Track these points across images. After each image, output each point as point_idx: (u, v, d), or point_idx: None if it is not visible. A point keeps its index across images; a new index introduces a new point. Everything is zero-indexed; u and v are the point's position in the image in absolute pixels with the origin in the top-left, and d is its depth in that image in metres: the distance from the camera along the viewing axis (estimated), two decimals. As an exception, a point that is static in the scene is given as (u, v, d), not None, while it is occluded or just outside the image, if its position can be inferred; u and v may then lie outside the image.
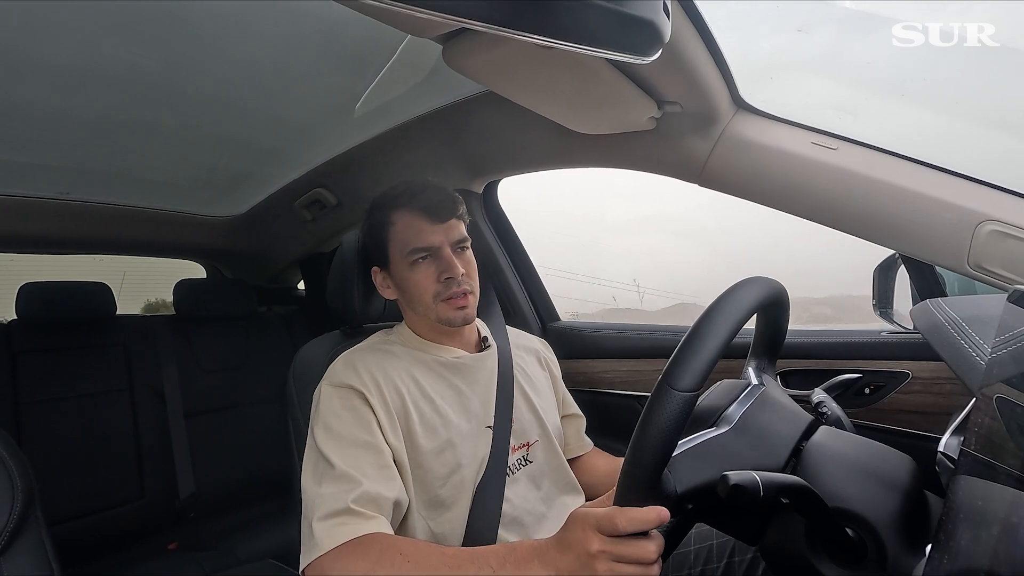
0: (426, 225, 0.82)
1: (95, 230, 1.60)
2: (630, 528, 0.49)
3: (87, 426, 1.46)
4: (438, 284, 0.82)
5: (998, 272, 0.73)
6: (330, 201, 1.55)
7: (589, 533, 0.52)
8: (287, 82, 1.08)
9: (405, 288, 0.85)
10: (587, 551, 0.51)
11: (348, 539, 0.63)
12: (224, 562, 1.45)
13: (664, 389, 0.47)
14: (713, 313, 0.51)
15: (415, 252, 0.82)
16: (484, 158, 1.27)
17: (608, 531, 0.50)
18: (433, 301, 0.83)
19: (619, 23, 0.41)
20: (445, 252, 0.83)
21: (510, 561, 0.58)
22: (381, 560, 0.61)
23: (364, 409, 0.75)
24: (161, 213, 1.68)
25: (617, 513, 0.49)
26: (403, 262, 0.84)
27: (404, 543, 0.64)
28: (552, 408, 0.96)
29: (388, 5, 0.33)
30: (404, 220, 0.84)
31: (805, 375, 1.05)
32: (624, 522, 0.49)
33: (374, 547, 0.63)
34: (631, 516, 0.49)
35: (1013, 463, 0.39)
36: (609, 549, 0.50)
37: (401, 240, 0.84)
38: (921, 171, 0.81)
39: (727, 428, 0.55)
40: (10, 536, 0.63)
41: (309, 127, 1.30)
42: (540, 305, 1.49)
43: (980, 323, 0.49)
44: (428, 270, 0.83)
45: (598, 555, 0.50)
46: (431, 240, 0.82)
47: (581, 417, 1.04)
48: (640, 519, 0.48)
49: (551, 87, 0.80)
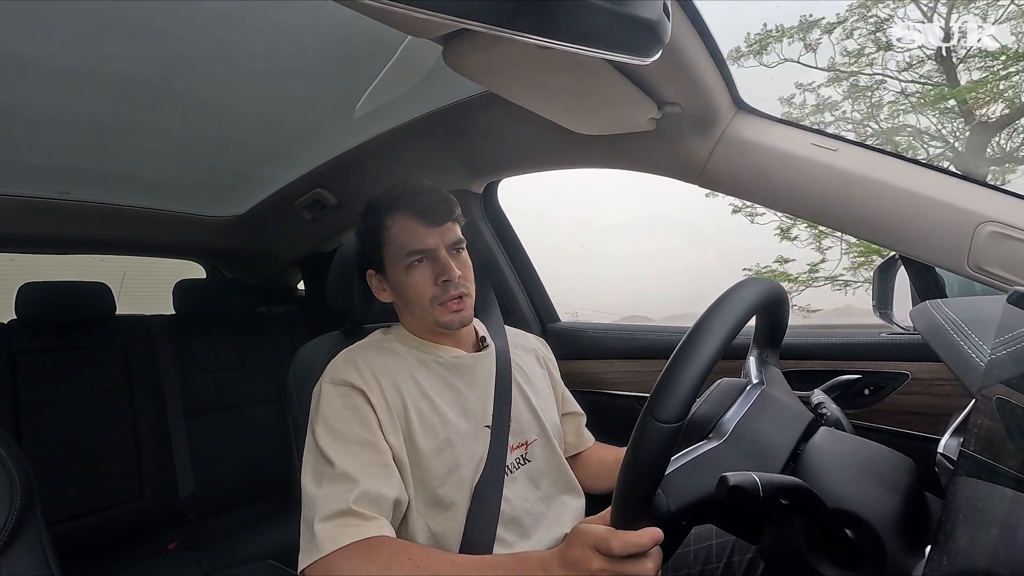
0: (422, 228, 0.82)
1: (95, 230, 1.60)
2: (625, 552, 0.51)
3: (87, 426, 1.46)
4: (435, 287, 0.82)
5: (998, 273, 0.74)
6: (330, 201, 1.55)
7: (588, 552, 0.54)
8: (287, 82, 1.08)
9: (401, 291, 0.85)
10: (588, 569, 0.54)
11: (352, 541, 0.64)
12: (223, 562, 1.44)
13: (648, 421, 0.48)
14: (694, 337, 0.51)
15: (411, 255, 0.82)
16: (484, 158, 1.27)
17: (605, 552, 0.52)
18: (430, 304, 0.83)
19: (619, 24, 0.41)
20: (441, 255, 0.83)
21: (518, 572, 0.59)
22: (392, 564, 0.62)
23: (365, 407, 0.75)
24: (161, 213, 1.68)
25: (612, 537, 0.52)
26: (399, 265, 0.83)
27: (413, 548, 0.65)
28: (551, 407, 0.96)
29: (388, 5, 0.33)
30: (400, 223, 0.83)
31: (804, 376, 1.05)
32: (619, 546, 0.51)
33: (384, 550, 0.63)
34: (626, 540, 0.51)
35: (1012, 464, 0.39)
36: (608, 568, 0.53)
37: (397, 243, 0.83)
38: (921, 172, 0.81)
39: (721, 441, 0.55)
40: (9, 536, 0.63)
41: (309, 127, 1.30)
42: (540, 305, 1.49)
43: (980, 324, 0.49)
44: (424, 273, 0.83)
45: (599, 573, 0.53)
46: (427, 243, 0.82)
47: (581, 414, 1.04)
48: (634, 543, 0.50)
49: (551, 88, 0.80)
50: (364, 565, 0.62)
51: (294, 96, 1.14)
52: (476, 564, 0.62)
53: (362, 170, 1.43)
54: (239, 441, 1.69)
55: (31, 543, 0.66)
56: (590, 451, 1.02)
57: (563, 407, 1.02)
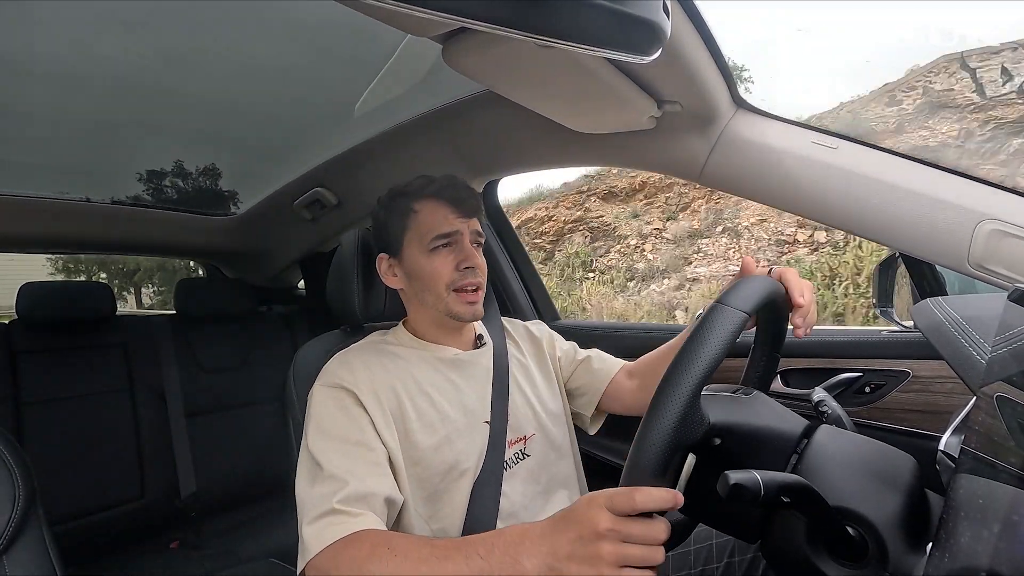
0: (452, 214, 0.83)
1: (95, 230, 1.60)
2: (648, 505, 0.47)
3: (88, 425, 1.46)
4: (455, 272, 0.83)
5: (998, 271, 0.73)
6: (330, 201, 1.55)
7: (597, 511, 0.50)
8: (287, 82, 1.08)
9: (418, 275, 0.84)
10: (594, 529, 0.49)
11: (336, 539, 0.63)
12: (225, 561, 1.45)
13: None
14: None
15: (438, 238, 0.83)
16: (484, 157, 1.27)
17: (622, 509, 0.49)
18: (446, 291, 0.83)
19: (619, 22, 0.41)
20: (466, 242, 0.84)
21: (498, 546, 0.56)
22: (371, 556, 0.61)
23: (357, 409, 0.75)
24: (161, 213, 1.68)
25: (634, 489, 0.48)
26: (420, 247, 0.83)
27: (393, 537, 0.64)
28: (551, 395, 0.95)
29: (388, 5, 0.33)
30: (430, 207, 0.84)
31: (805, 374, 1.05)
32: (643, 497, 0.48)
33: (364, 543, 0.62)
34: (649, 492, 0.48)
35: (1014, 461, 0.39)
36: (619, 528, 0.48)
37: (424, 226, 0.83)
38: (921, 170, 0.81)
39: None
40: (12, 535, 0.63)
41: (309, 127, 1.30)
42: (540, 304, 1.50)
43: (980, 322, 0.49)
44: (447, 258, 0.83)
45: (606, 534, 0.49)
46: (455, 226, 0.83)
47: (589, 356, 1.00)
48: (658, 496, 0.47)
49: (551, 86, 0.80)
50: (347, 560, 0.61)
51: (294, 96, 1.15)
52: (455, 544, 0.59)
53: (362, 169, 1.43)
54: (240, 440, 1.70)
55: (33, 542, 0.66)
56: (624, 371, 0.97)
57: (570, 368, 1.00)
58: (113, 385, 1.54)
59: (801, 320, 0.69)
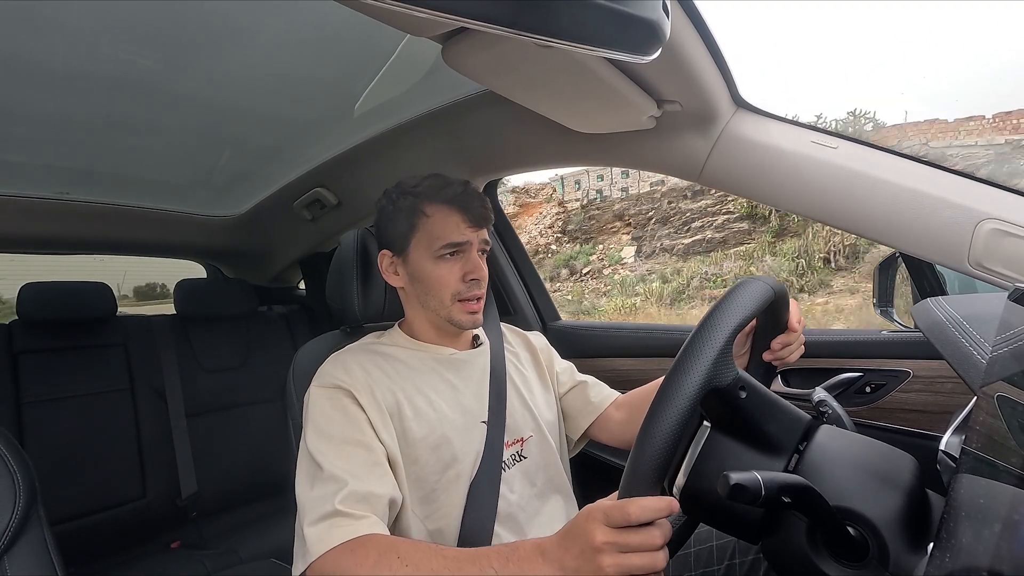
0: (464, 224, 0.82)
1: (95, 230, 1.61)
2: (643, 516, 0.48)
3: (89, 426, 1.47)
4: (461, 283, 0.82)
5: (999, 270, 0.73)
6: (330, 201, 1.55)
7: (594, 525, 0.50)
8: (287, 82, 1.08)
9: (423, 280, 0.84)
10: (591, 544, 0.50)
11: (341, 541, 0.62)
12: (226, 561, 1.45)
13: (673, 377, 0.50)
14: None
15: (448, 247, 0.81)
16: (484, 157, 1.27)
17: (617, 522, 0.49)
18: (450, 300, 0.82)
19: (619, 22, 0.41)
20: (474, 253, 0.83)
21: (512, 560, 0.56)
22: (379, 563, 0.60)
23: (354, 409, 0.75)
24: (161, 213, 1.68)
25: (628, 502, 0.48)
26: (428, 252, 0.82)
27: (402, 544, 0.63)
28: (547, 404, 0.95)
29: (388, 5, 0.33)
30: (442, 213, 0.82)
31: (806, 374, 1.05)
32: (637, 510, 0.48)
33: (372, 549, 0.62)
34: (643, 504, 0.48)
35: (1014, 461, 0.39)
36: (615, 540, 0.49)
37: (435, 232, 0.82)
38: (921, 169, 0.81)
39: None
40: (13, 535, 0.63)
41: (309, 127, 1.30)
42: (541, 304, 1.50)
43: (981, 321, 0.49)
44: (454, 267, 0.82)
45: (603, 547, 0.49)
46: (466, 236, 0.82)
47: (585, 382, 1.00)
48: (652, 507, 0.48)
49: (551, 86, 0.80)
50: (353, 565, 0.61)
51: (294, 96, 1.14)
52: (469, 556, 0.59)
53: (362, 169, 1.43)
54: (241, 440, 1.70)
55: (34, 543, 0.66)
56: (615, 403, 0.97)
57: (568, 382, 0.99)
58: (114, 385, 1.54)
59: (780, 346, 0.75)
